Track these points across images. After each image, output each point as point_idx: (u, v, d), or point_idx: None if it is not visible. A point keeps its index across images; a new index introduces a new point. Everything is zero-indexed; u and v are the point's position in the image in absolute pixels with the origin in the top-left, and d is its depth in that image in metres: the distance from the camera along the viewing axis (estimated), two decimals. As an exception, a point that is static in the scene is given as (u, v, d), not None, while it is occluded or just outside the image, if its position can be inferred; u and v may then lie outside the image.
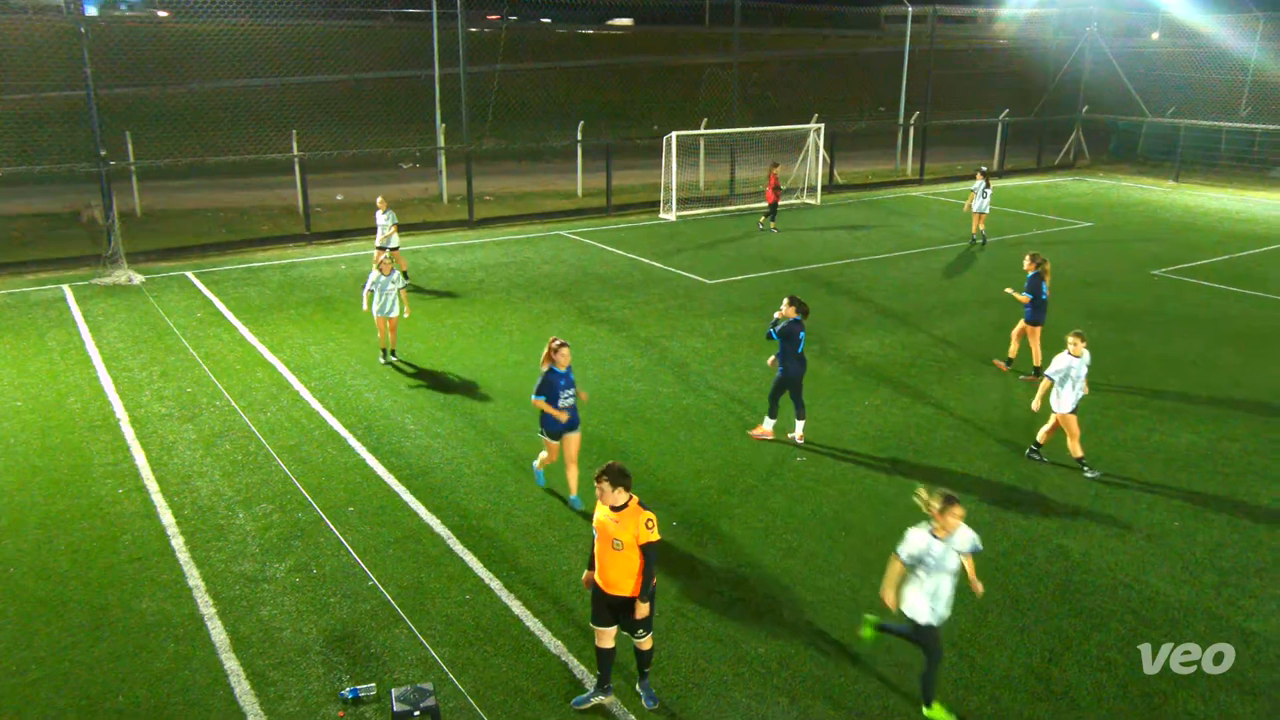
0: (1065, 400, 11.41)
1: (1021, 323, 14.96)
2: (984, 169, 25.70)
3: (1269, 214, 30.21)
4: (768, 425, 12.61)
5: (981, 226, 24.91)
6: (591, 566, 7.49)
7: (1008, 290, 15.47)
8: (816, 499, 10.93)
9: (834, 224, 26.61)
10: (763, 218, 26.42)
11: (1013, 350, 15.25)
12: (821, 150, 30.82)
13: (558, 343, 10.39)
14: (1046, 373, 11.52)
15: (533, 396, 10.42)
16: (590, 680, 7.77)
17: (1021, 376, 14.97)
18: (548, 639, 8.34)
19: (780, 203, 26.35)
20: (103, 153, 21.53)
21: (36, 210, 26.03)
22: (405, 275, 18.86)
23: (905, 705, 7.61)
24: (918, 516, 10.60)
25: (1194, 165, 37.72)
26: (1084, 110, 41.03)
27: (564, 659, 8.09)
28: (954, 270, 22.20)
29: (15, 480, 11.18)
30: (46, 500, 10.72)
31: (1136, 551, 9.91)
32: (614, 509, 7.22)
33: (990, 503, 10.91)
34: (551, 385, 10.37)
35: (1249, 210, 30.85)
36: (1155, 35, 50.04)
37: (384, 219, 19.38)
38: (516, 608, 8.81)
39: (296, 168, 25.33)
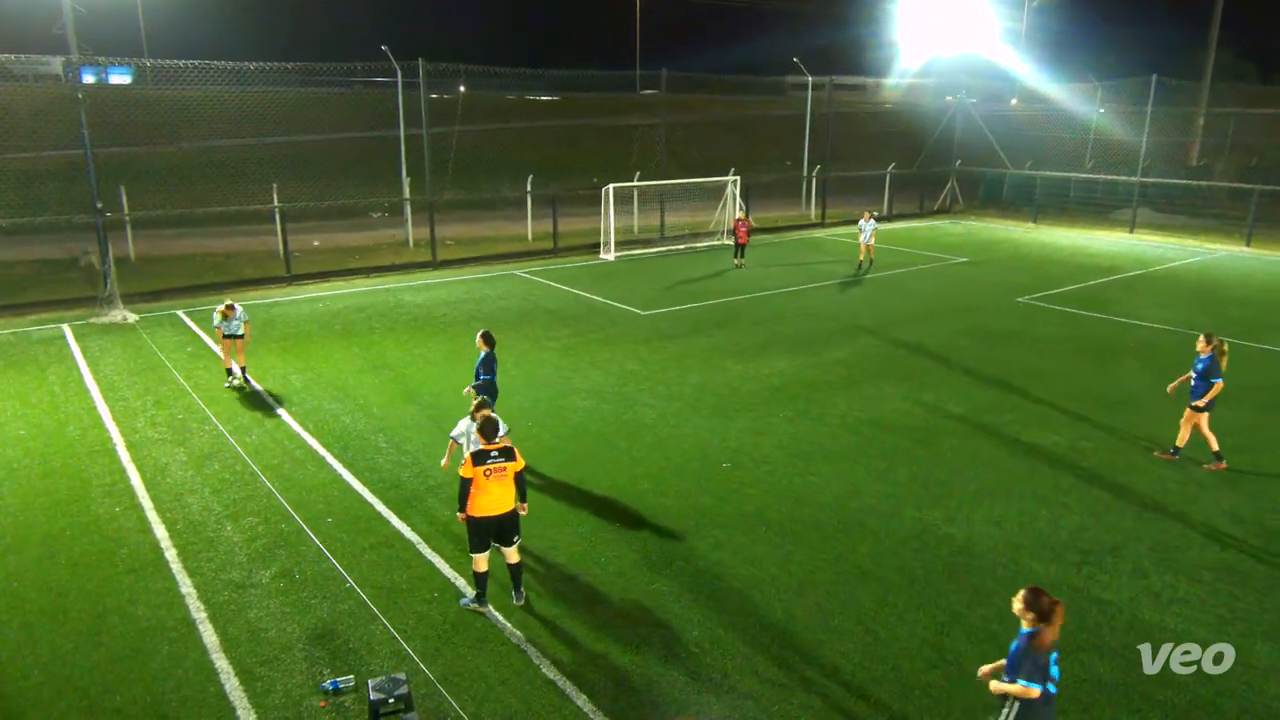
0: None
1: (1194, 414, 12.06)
2: (870, 211, 26.88)
3: (1111, 249, 31.37)
4: None
5: (869, 255, 26.40)
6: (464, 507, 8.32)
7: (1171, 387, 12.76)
8: (739, 499, 10.98)
9: (750, 262, 26.93)
10: (736, 258, 26.84)
11: (1184, 438, 12.30)
12: (738, 198, 31.22)
13: (1050, 601, 6.00)
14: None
15: (1021, 681, 5.87)
16: (543, 662, 7.71)
17: (1204, 466, 12.08)
18: (509, 630, 8.23)
19: (726, 242, 26.91)
20: (99, 205, 20.88)
21: (37, 257, 25.15)
22: (243, 370, 15.15)
23: (821, 675, 7.66)
24: (826, 512, 10.77)
25: (1049, 209, 38.97)
26: (957, 163, 42.20)
27: (523, 648, 7.99)
28: (849, 300, 22.61)
29: (19, 502, 10.72)
30: (48, 519, 10.29)
31: (1011, 536, 10.14)
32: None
33: (888, 497, 11.07)
34: (1040, 666, 5.88)
35: (1094, 246, 31.99)
36: (1014, 101, 51.78)
37: (227, 322, 14.69)
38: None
39: (277, 217, 24.86)
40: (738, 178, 31.47)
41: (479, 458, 8.27)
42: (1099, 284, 24.92)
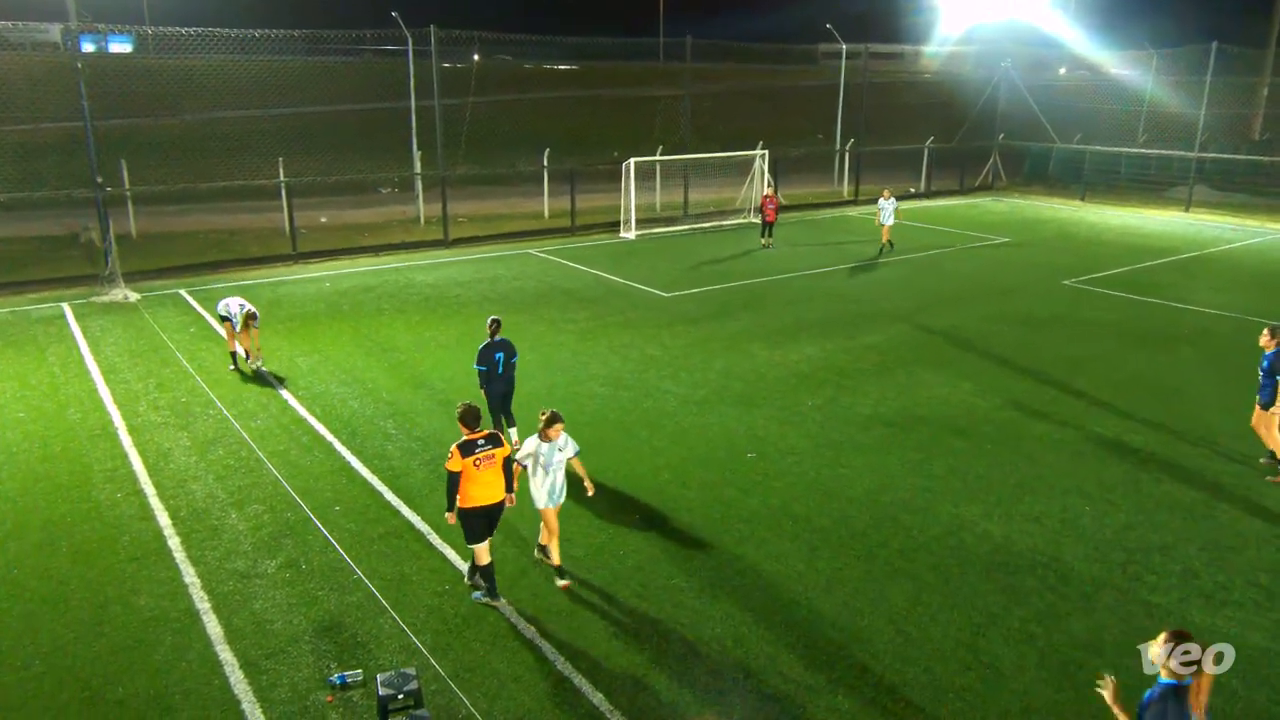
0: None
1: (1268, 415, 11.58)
2: (890, 190, 26.35)
3: (1164, 229, 30.93)
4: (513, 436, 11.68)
5: (888, 238, 25.78)
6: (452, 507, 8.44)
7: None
8: (765, 492, 10.98)
9: (778, 242, 26.78)
10: (763, 237, 26.64)
11: (1269, 443, 11.68)
12: (766, 174, 31.05)
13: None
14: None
15: None
16: (558, 658, 7.79)
17: (1264, 465, 11.76)
18: (522, 625, 8.30)
19: (753, 221, 26.77)
20: (99, 179, 21.10)
21: (36, 233, 25.49)
22: (248, 354, 15.11)
23: (849, 676, 7.67)
24: (856, 506, 10.75)
25: (1098, 186, 38.46)
26: (1000, 137, 41.71)
27: (537, 643, 8.05)
28: (883, 283, 22.45)
29: (18, 487, 10.92)
30: (49, 505, 10.48)
31: (1052, 534, 10.08)
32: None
33: (923, 491, 11.04)
34: None
35: (1146, 226, 31.55)
36: (1063, 70, 51.03)
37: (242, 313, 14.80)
38: (492, 596, 8.76)
39: (283, 193, 25.02)
40: (766, 152, 31.27)
41: (466, 448, 8.34)
42: (1151, 266, 24.59)
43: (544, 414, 8.76)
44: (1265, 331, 11.60)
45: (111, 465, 11.55)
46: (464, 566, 9.16)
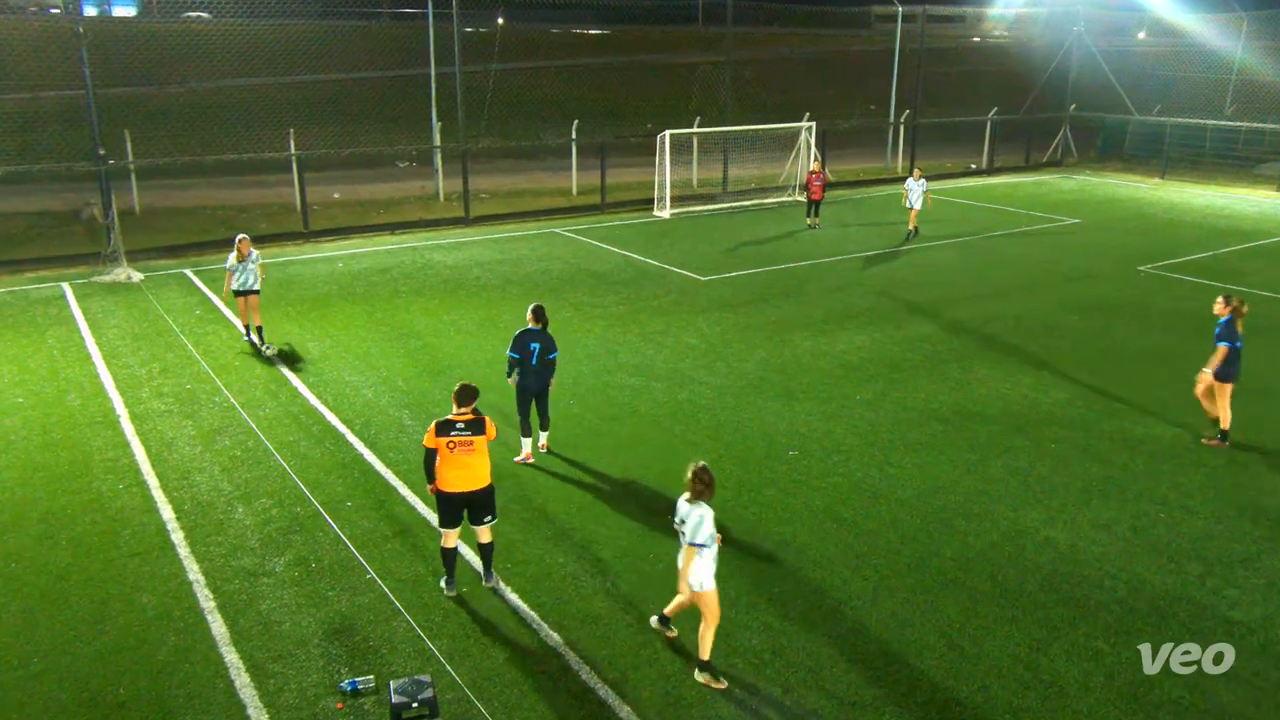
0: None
1: (1208, 378, 12.33)
2: (917, 171, 25.44)
3: (1253, 211, 30.31)
4: (525, 447, 11.66)
5: (913, 223, 24.96)
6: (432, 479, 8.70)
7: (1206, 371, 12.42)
8: (808, 492, 10.95)
9: (825, 222, 26.61)
10: (809, 217, 26.36)
11: (1211, 413, 12.45)
12: (813, 148, 30.84)
13: None
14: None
15: None
16: (583, 668, 7.83)
17: (1204, 440, 12.44)
18: (545, 631, 8.36)
19: (798, 199, 26.64)
20: (101, 151, 21.45)
21: (36, 208, 25.96)
22: (259, 330, 15.77)
23: (896, 694, 7.64)
24: (907, 510, 10.69)
25: (1179, 162, 37.75)
26: (1072, 108, 41.07)
27: (561, 651, 8.11)
28: (940, 267, 22.23)
29: (17, 476, 11.17)
30: (48, 496, 10.71)
31: (1123, 543, 9.95)
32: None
33: (979, 494, 10.95)
34: None
35: (1233, 207, 30.94)
36: (1141, 34, 50.03)
37: (241, 264, 15.46)
38: (512, 600, 8.82)
39: (294, 166, 25.28)
40: (813, 124, 31.05)
41: (442, 428, 8.61)
42: (1237, 251, 24.13)
43: (694, 469, 7.61)
44: (1219, 299, 12.42)
45: (113, 455, 11.77)
46: (480, 566, 9.24)
